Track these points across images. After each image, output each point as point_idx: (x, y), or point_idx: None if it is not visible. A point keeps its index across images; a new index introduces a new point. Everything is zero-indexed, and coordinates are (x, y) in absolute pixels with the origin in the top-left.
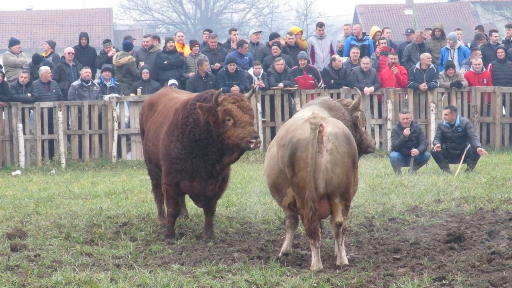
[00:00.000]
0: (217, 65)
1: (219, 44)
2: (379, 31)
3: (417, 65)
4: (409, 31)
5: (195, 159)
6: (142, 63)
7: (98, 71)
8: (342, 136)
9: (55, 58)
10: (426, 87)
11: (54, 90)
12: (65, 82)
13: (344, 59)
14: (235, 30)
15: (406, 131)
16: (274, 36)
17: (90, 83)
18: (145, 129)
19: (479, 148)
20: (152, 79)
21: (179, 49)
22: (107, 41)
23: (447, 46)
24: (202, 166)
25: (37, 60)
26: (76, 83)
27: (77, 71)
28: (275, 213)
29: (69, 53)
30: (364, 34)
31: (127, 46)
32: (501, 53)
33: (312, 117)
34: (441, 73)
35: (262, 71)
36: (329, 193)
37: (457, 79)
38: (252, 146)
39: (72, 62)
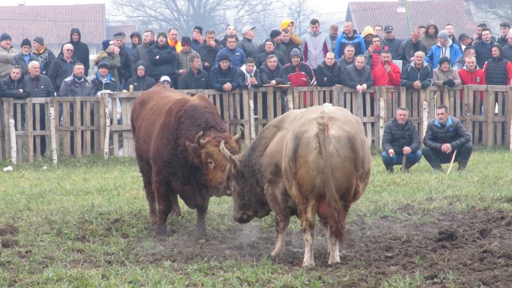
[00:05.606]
0: (206, 64)
1: (216, 40)
2: (370, 34)
3: (412, 64)
4: (390, 28)
5: (186, 172)
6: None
7: (95, 67)
8: (345, 139)
9: (50, 54)
10: (420, 84)
11: (42, 86)
12: (61, 78)
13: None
14: (228, 25)
15: (391, 152)
16: (275, 33)
17: (82, 79)
18: (136, 126)
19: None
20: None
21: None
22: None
23: (438, 44)
24: (193, 179)
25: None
26: (68, 79)
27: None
28: None
29: (67, 49)
30: (354, 32)
31: (104, 45)
32: (495, 51)
33: (320, 117)
34: (435, 69)
35: (254, 68)
36: None
37: (451, 75)
38: (229, 192)
39: (70, 59)
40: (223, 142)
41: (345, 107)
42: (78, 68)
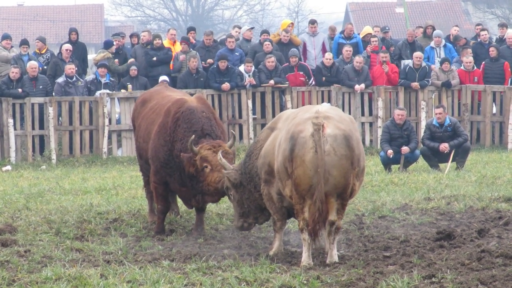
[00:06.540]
0: (209, 61)
1: (215, 41)
2: (370, 33)
3: (410, 64)
4: (387, 28)
5: (182, 174)
6: (131, 60)
7: (94, 66)
8: (342, 138)
9: (52, 54)
10: (418, 86)
11: (41, 86)
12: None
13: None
14: (239, 27)
15: (390, 153)
16: (264, 33)
17: (74, 78)
18: (136, 125)
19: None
20: (143, 76)
21: (170, 46)
22: (116, 34)
23: (432, 44)
24: (189, 183)
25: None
26: (60, 80)
27: None
28: None
29: (66, 49)
30: (352, 32)
31: (107, 44)
32: (492, 51)
33: (315, 117)
34: (436, 69)
35: (253, 68)
36: (326, 192)
37: (451, 75)
38: (230, 200)
39: (69, 58)
40: (220, 152)
41: (343, 107)
42: (69, 68)
